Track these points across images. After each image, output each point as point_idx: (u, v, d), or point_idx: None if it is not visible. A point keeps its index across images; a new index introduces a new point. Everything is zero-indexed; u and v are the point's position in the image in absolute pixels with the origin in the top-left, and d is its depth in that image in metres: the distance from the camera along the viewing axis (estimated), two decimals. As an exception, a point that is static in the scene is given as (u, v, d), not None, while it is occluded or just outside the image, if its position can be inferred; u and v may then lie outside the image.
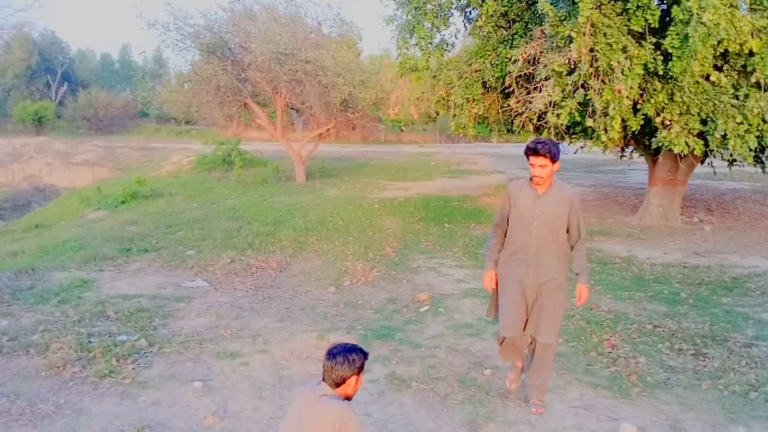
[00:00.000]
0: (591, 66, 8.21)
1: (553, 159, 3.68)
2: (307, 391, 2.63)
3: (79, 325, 5.36)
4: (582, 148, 12.39)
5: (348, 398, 2.64)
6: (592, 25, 8.07)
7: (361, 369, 2.63)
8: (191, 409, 3.96)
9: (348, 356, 2.59)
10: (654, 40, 8.35)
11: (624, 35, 8.22)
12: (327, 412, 2.49)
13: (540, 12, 8.84)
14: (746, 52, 7.98)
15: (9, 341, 4.93)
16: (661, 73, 8.43)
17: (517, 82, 9.53)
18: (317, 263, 8.02)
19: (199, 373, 4.52)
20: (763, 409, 3.99)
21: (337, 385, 2.59)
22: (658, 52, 8.32)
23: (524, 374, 4.14)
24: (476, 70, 10.36)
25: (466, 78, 10.39)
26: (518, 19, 10.40)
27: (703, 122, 8.81)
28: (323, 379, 2.61)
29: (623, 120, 8.75)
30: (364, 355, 2.68)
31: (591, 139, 10.26)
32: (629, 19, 8.30)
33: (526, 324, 3.88)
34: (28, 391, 4.11)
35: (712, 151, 9.53)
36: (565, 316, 4.11)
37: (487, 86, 10.62)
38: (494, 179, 17.40)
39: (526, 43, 9.18)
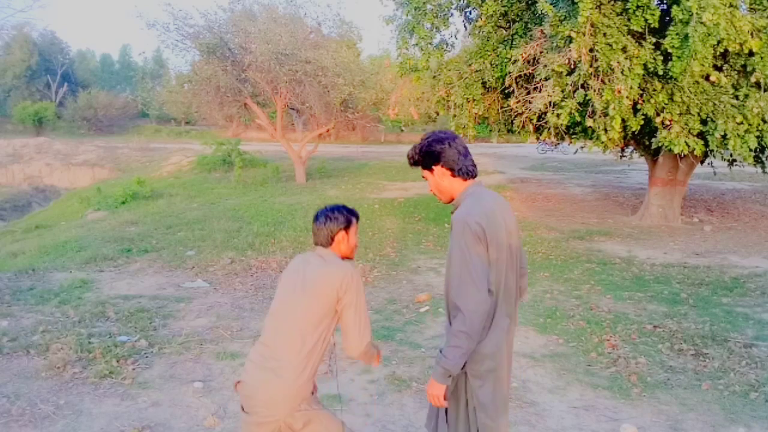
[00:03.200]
0: (591, 66, 8.22)
1: (424, 165, 2.49)
2: (307, 254, 2.58)
3: (79, 325, 5.36)
4: (582, 148, 12.39)
5: (346, 257, 2.59)
6: (592, 25, 8.07)
7: (347, 225, 2.56)
8: (191, 409, 3.96)
9: (330, 215, 2.55)
10: (654, 40, 8.35)
11: (624, 35, 8.22)
12: (332, 273, 2.44)
13: (540, 12, 8.84)
14: (746, 52, 7.98)
15: (9, 342, 4.93)
16: (661, 73, 8.44)
17: (517, 83, 9.53)
18: (317, 264, 8.01)
19: (200, 373, 4.52)
20: (763, 409, 3.98)
21: (328, 244, 2.55)
22: (658, 52, 8.32)
23: None
24: (476, 71, 10.37)
25: (466, 78, 10.40)
26: (518, 19, 10.40)
27: (703, 122, 8.82)
28: (316, 244, 2.57)
29: (623, 120, 8.75)
30: (350, 212, 2.61)
31: (591, 139, 10.27)
32: (629, 19, 8.30)
33: None
34: (29, 391, 4.11)
35: (712, 151, 9.53)
36: None
37: (487, 86, 10.62)
38: (494, 179, 17.39)
39: (526, 43, 9.18)
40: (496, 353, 2.35)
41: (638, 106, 8.94)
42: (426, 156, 2.45)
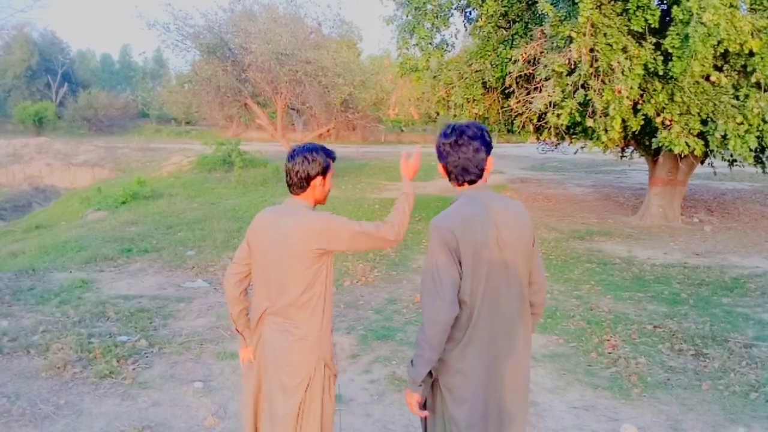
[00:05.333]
0: (591, 66, 8.22)
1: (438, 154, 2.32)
2: (277, 211, 2.48)
3: (79, 325, 5.36)
4: (582, 148, 12.39)
5: (319, 203, 2.52)
6: (593, 25, 8.07)
7: (326, 169, 2.45)
8: (192, 409, 3.96)
9: (309, 156, 2.40)
10: (654, 40, 8.35)
11: (624, 35, 8.23)
12: (309, 231, 2.35)
13: (540, 12, 8.84)
14: (746, 52, 7.98)
15: (9, 342, 4.93)
16: (661, 73, 8.44)
17: (517, 83, 9.53)
18: (317, 264, 8.01)
19: (200, 373, 4.52)
20: (763, 409, 3.98)
21: (303, 188, 2.43)
22: (659, 52, 8.32)
23: None
24: (476, 71, 10.38)
25: (466, 78, 10.40)
26: (518, 20, 10.41)
27: (704, 122, 8.82)
28: (289, 187, 2.46)
29: (623, 120, 8.75)
30: (328, 154, 2.47)
31: (591, 139, 10.27)
32: (629, 19, 8.30)
33: None
34: (29, 391, 4.11)
35: (712, 151, 9.53)
36: None
37: (488, 86, 10.63)
38: (494, 180, 17.40)
39: (527, 44, 9.18)
40: (471, 370, 2.17)
41: (638, 106, 8.94)
42: (436, 151, 2.28)
